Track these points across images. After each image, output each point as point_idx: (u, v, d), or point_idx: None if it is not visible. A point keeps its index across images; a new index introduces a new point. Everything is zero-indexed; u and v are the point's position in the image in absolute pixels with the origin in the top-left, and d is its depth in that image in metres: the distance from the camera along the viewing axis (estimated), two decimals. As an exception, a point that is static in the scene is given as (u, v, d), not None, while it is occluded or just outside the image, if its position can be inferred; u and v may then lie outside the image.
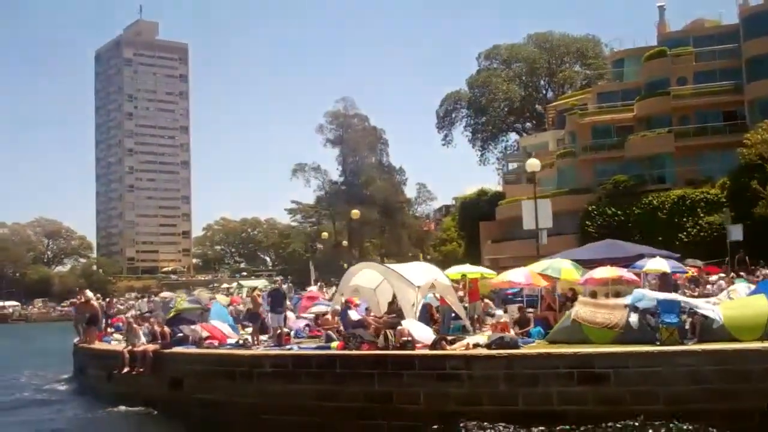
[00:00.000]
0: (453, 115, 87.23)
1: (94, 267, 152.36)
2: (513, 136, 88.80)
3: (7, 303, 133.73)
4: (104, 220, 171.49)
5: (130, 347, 19.38)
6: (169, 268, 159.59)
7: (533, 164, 28.53)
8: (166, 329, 19.47)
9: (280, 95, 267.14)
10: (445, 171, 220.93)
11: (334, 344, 16.97)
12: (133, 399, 18.54)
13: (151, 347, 18.65)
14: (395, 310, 19.95)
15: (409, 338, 15.60)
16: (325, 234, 60.11)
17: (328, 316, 20.40)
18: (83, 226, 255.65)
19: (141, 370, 18.38)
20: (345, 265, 62.71)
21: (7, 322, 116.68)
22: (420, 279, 18.01)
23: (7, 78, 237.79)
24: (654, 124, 49.22)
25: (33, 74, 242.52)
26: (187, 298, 30.55)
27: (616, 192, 47.64)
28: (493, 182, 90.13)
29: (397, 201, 72.48)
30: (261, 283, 54.13)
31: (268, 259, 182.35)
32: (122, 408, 18.39)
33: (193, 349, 18.34)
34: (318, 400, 15.06)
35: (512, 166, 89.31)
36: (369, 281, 20.30)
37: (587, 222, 47.63)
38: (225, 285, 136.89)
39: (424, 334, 16.32)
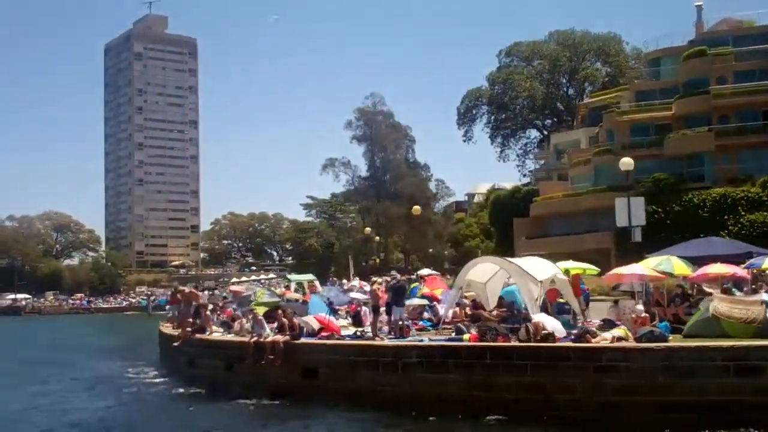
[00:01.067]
0: (474, 112, 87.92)
1: (103, 261, 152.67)
2: (533, 133, 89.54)
3: (19, 296, 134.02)
4: (113, 213, 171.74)
5: (256, 338, 19.85)
6: (178, 262, 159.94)
7: (627, 163, 29.00)
8: (296, 321, 19.93)
9: (290, 90, 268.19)
10: (456, 168, 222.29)
11: (467, 336, 17.50)
12: (257, 390, 18.94)
13: (281, 338, 19.11)
14: (505, 305, 20.53)
15: (549, 331, 16.18)
16: (368, 229, 60.35)
17: (457, 309, 20.94)
18: (92, 220, 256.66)
19: (272, 358, 18.82)
20: (377, 260, 63.33)
21: (20, 314, 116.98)
22: (541, 274, 18.58)
23: (17, 72, 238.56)
24: (693, 122, 49.76)
25: (42, 68, 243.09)
26: (266, 292, 31.23)
27: (656, 189, 48.10)
28: (512, 179, 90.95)
29: (423, 197, 72.99)
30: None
31: (275, 253, 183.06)
32: (250, 400, 18.64)
33: (331, 340, 18.86)
34: (468, 390, 15.61)
35: (530, 164, 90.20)
36: (481, 275, 20.83)
37: (625, 219, 48.06)
38: (234, 279, 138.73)
39: (557, 327, 16.88)
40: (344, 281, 48.55)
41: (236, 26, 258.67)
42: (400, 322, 19.13)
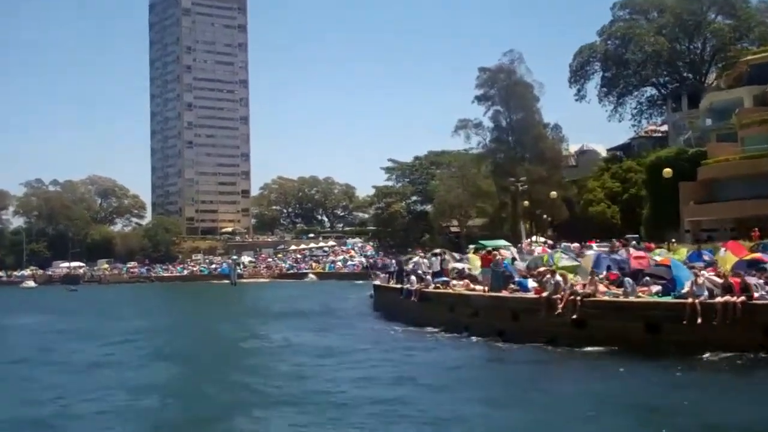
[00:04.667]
0: (587, 69, 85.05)
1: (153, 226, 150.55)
2: (649, 91, 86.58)
3: (73, 264, 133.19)
4: (161, 178, 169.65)
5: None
6: (229, 229, 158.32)
7: None
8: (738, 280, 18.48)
9: (346, 48, 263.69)
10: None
11: None
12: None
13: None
14: None
15: None
16: (553, 193, 57.74)
17: None
18: (136, 185, 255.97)
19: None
20: (525, 228, 61.19)
21: (79, 283, 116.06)
22: None
23: (55, 30, 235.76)
24: None
25: (82, 25, 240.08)
26: (562, 256, 29.31)
27: None
28: (622, 138, 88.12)
29: (559, 159, 70.78)
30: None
31: (325, 219, 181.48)
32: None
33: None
34: None
35: (645, 123, 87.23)
36: None
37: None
38: (293, 247, 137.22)
39: None
40: (521, 245, 46.51)
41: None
42: None
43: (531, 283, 27.31)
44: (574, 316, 22.84)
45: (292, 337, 30.56)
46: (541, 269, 26.87)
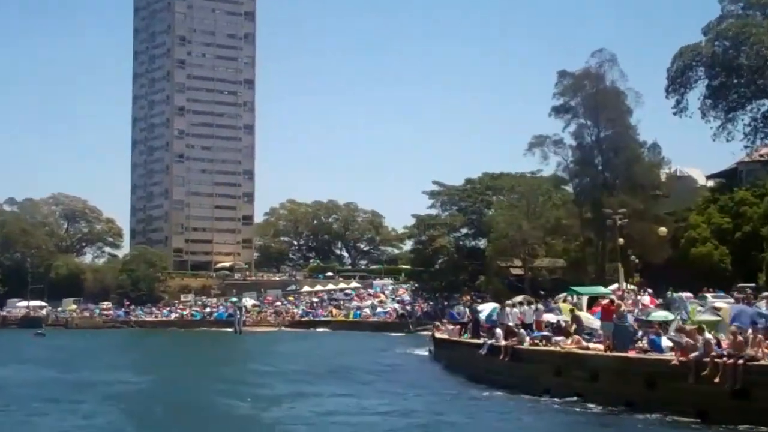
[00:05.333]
0: (689, 75, 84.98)
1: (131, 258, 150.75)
2: (767, 104, 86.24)
3: (32, 303, 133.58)
4: (143, 198, 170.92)
5: None
6: (227, 264, 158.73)
7: None
8: None
9: (375, 39, 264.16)
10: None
11: None
12: None
13: None
14: None
15: None
16: (663, 229, 57.68)
17: None
18: (111, 207, 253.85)
19: None
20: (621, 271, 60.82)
21: (40, 326, 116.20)
22: None
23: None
24: None
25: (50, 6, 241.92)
26: (698, 308, 29.45)
27: None
28: (723, 161, 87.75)
29: (656, 187, 70.58)
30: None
31: (345, 254, 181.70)
32: None
33: None
34: None
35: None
36: None
37: None
38: (307, 288, 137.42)
39: None
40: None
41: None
42: None
43: (665, 342, 27.30)
44: (736, 386, 22.75)
45: (365, 403, 30.68)
46: (687, 326, 26.78)
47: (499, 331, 35.90)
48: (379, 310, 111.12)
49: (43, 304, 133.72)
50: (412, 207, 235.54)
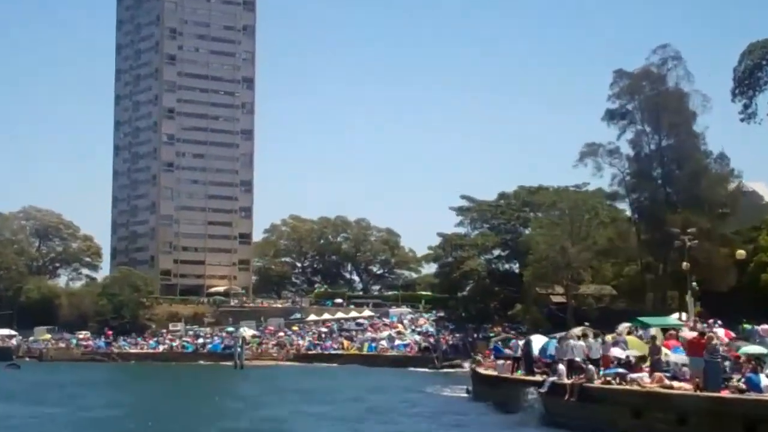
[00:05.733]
0: (758, 76, 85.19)
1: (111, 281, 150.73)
2: None
3: (1, 332, 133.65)
4: (125, 213, 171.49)
5: None
6: (221, 289, 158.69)
7: None
8: None
9: (391, 36, 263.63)
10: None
11: None
12: None
13: None
14: None
15: None
16: (741, 252, 57.78)
17: None
18: (87, 222, 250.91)
19: None
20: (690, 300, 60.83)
21: (11, 359, 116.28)
22: None
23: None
24: None
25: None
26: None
27: None
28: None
29: (723, 204, 70.69)
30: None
31: (356, 278, 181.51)
32: None
33: None
34: None
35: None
36: None
37: None
38: (313, 317, 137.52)
39: None
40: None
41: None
42: None
43: (765, 380, 27.28)
44: None
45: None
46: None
47: (561, 367, 35.78)
48: (397, 342, 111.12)
49: (13, 332, 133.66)
50: (432, 225, 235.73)
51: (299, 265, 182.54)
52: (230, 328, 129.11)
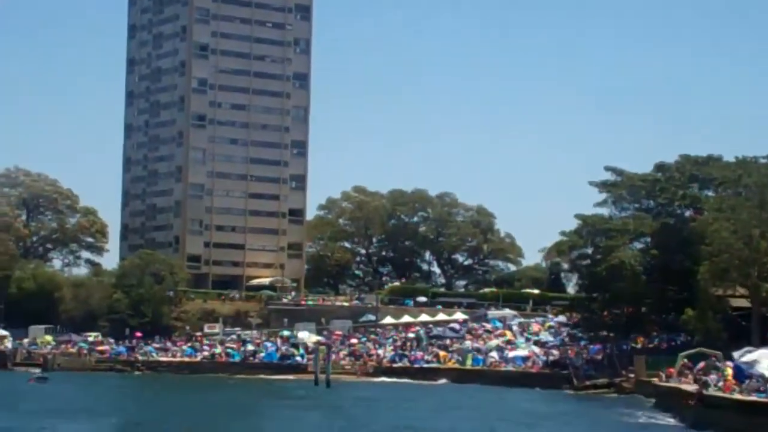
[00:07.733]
0: None
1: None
2: None
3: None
4: (142, 180, 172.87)
5: None
6: (266, 281, 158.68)
7: None
8: None
9: None
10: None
11: None
12: None
13: None
14: None
15: None
16: None
17: None
18: (90, 191, 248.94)
19: None
20: None
21: (6, 367, 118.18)
22: None
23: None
24: None
25: None
26: None
27: None
28: None
29: None
30: None
31: (437, 270, 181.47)
32: None
33: None
34: None
35: None
36: None
37: None
38: (389, 319, 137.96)
39: None
40: None
41: None
42: None
43: None
44: None
45: None
46: None
47: None
48: (512, 354, 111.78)
49: (4, 332, 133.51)
50: (538, 204, 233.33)
51: (363, 251, 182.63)
52: (285, 332, 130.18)
